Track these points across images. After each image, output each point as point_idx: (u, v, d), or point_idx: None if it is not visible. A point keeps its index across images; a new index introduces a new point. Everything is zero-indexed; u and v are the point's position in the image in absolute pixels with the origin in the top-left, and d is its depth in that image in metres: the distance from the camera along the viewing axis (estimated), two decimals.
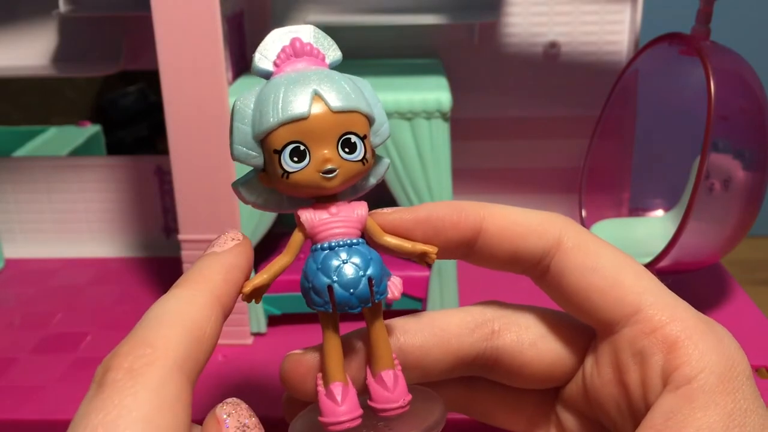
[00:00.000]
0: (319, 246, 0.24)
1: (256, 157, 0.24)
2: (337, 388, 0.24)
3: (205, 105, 0.51)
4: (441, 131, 0.54)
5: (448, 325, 0.26)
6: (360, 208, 0.25)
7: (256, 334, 0.57)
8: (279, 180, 0.24)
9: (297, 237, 0.25)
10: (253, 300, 0.25)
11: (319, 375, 0.25)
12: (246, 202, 0.26)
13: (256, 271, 0.58)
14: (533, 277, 0.26)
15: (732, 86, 0.52)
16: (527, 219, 0.25)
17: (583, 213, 0.65)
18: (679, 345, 0.22)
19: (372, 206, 0.26)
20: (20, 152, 0.75)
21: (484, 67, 0.67)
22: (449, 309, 0.27)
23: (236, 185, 0.26)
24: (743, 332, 0.58)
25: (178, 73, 0.50)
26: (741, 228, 0.54)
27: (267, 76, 0.24)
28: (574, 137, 0.68)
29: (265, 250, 0.62)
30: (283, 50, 0.24)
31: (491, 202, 0.26)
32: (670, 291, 0.24)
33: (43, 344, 0.58)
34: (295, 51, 0.24)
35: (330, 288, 0.24)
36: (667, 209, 0.66)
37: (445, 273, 0.57)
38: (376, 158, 0.26)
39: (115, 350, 0.22)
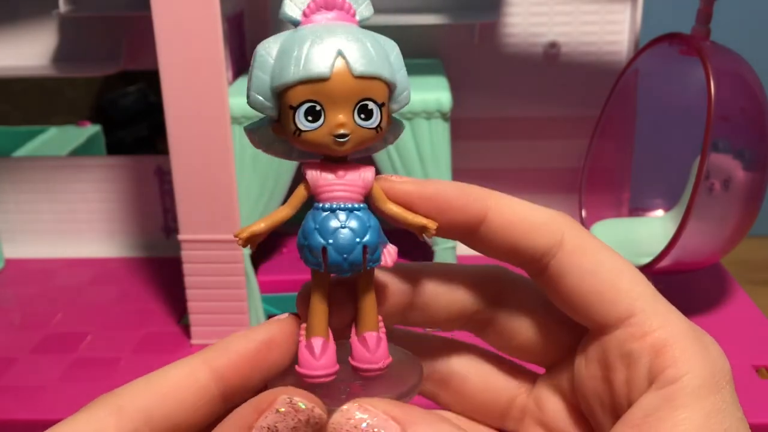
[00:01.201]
0: (320, 206, 0.24)
1: (271, 108, 0.24)
2: (317, 342, 0.24)
3: (205, 105, 0.51)
4: (441, 131, 0.54)
5: (458, 275, 0.27)
6: (366, 172, 0.24)
7: None
8: (291, 135, 0.23)
9: (300, 191, 0.25)
10: (249, 246, 0.25)
11: (303, 326, 0.25)
12: (256, 146, 0.25)
13: (256, 269, 0.58)
14: (530, 272, 0.26)
15: (732, 86, 0.52)
16: (532, 215, 0.25)
17: (583, 213, 0.65)
18: (666, 350, 0.23)
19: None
20: (20, 152, 0.75)
21: (484, 67, 0.67)
22: (458, 263, 0.27)
23: (249, 129, 0.25)
24: (743, 332, 0.58)
25: (178, 73, 0.50)
26: (741, 228, 0.54)
27: (295, 24, 0.24)
28: (574, 137, 0.68)
29: (265, 250, 0.63)
30: (314, 0, 0.24)
31: None
32: (663, 298, 0.24)
33: (43, 344, 0.58)
34: (327, 3, 0.24)
35: (324, 250, 0.24)
36: (667, 209, 0.66)
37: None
38: (393, 121, 0.26)
39: (97, 399, 0.23)
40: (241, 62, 0.61)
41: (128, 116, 0.78)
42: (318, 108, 0.23)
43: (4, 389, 0.52)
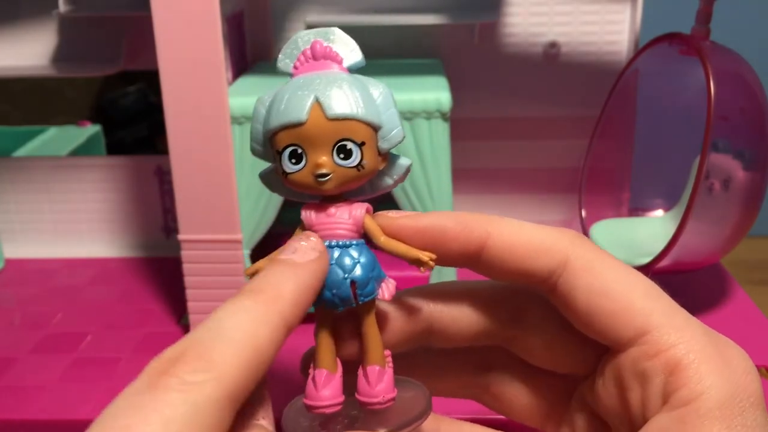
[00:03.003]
0: None
1: (265, 154, 0.26)
2: (320, 374, 0.25)
3: (205, 105, 0.51)
4: (441, 131, 0.54)
5: (476, 294, 0.27)
6: (357, 209, 0.26)
7: None
8: (282, 177, 0.25)
9: (298, 232, 0.27)
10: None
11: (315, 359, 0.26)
12: (272, 191, 0.28)
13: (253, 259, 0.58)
14: (543, 292, 0.26)
15: (732, 86, 0.52)
16: (533, 237, 0.25)
17: (583, 213, 0.65)
18: (681, 368, 0.22)
19: (374, 205, 0.26)
20: (20, 152, 0.75)
21: (484, 67, 0.67)
22: (478, 280, 0.27)
23: (261, 175, 0.27)
24: (743, 332, 0.58)
25: (178, 73, 0.50)
26: (741, 228, 0.54)
27: (290, 76, 0.26)
28: (574, 137, 0.68)
29: (265, 249, 0.62)
30: (303, 53, 0.26)
31: (491, 202, 0.26)
32: (682, 310, 0.24)
33: (43, 344, 0.58)
34: (314, 54, 0.26)
35: None
36: (667, 209, 0.66)
37: (446, 273, 0.57)
38: (393, 158, 0.26)
39: (177, 351, 0.22)
40: (241, 62, 0.61)
41: (128, 116, 0.78)
42: (300, 151, 0.25)
43: (4, 389, 0.52)
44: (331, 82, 0.25)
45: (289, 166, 0.25)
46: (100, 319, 0.61)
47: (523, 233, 0.25)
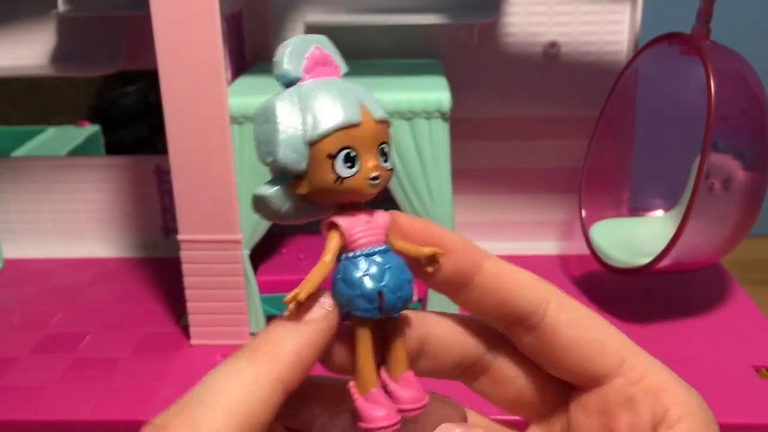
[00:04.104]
0: (358, 252, 0.25)
1: (302, 162, 0.24)
2: (377, 393, 0.25)
3: (204, 105, 0.51)
4: (441, 131, 0.54)
5: (463, 322, 0.28)
6: (382, 216, 0.26)
7: (256, 334, 0.57)
8: (325, 186, 0.24)
9: (335, 241, 0.25)
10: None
11: (352, 384, 0.25)
12: (268, 216, 0.25)
13: (255, 269, 0.58)
14: (515, 337, 0.26)
15: (732, 86, 0.52)
16: (523, 273, 0.26)
17: (583, 213, 0.65)
18: (663, 392, 0.24)
19: (374, 205, 0.26)
20: (19, 152, 0.75)
21: (484, 67, 0.67)
22: (459, 314, 0.28)
23: (265, 197, 0.25)
24: (743, 332, 0.58)
25: (178, 73, 0.50)
26: (741, 228, 0.54)
27: (293, 81, 0.25)
28: (574, 137, 0.68)
29: (264, 250, 0.62)
30: (309, 58, 0.25)
31: (491, 202, 0.26)
32: (640, 348, 0.26)
33: (43, 344, 0.58)
34: (323, 60, 0.25)
35: (380, 293, 0.24)
36: (667, 209, 0.66)
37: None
38: None
39: (167, 418, 0.21)
40: (240, 62, 0.61)
41: (127, 116, 0.78)
42: (353, 154, 0.24)
43: (4, 389, 0.52)
44: (359, 86, 0.25)
45: (345, 170, 0.24)
46: (99, 319, 0.61)
47: (513, 267, 0.26)
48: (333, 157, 0.24)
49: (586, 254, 0.63)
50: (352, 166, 0.24)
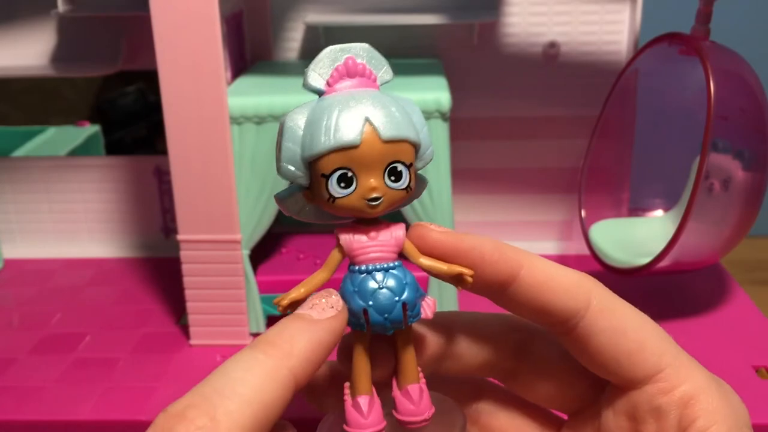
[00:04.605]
0: (356, 268, 0.25)
1: (303, 176, 0.24)
2: (363, 401, 0.25)
3: (204, 105, 0.51)
4: (440, 131, 0.54)
5: (487, 324, 0.27)
6: (397, 230, 0.25)
7: (255, 335, 0.57)
8: (323, 202, 0.24)
9: (336, 256, 0.25)
10: (288, 310, 0.25)
11: (347, 385, 0.26)
12: (288, 213, 0.26)
13: (255, 269, 0.58)
14: (556, 333, 0.26)
15: (732, 86, 0.52)
16: (562, 277, 0.25)
17: (583, 213, 0.65)
18: (694, 402, 0.24)
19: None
20: (19, 152, 0.75)
21: (484, 67, 0.67)
22: (484, 312, 0.28)
23: (279, 198, 0.26)
24: (743, 332, 0.58)
25: (177, 73, 0.50)
26: (741, 228, 0.54)
27: (318, 93, 0.25)
28: (574, 137, 0.68)
29: (264, 250, 0.62)
30: (336, 69, 0.24)
31: (491, 202, 0.26)
32: (684, 351, 0.26)
33: (42, 344, 0.58)
34: (348, 71, 0.24)
35: (365, 311, 0.24)
36: (667, 209, 0.66)
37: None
38: (419, 177, 0.26)
39: (183, 405, 0.21)
40: (240, 62, 0.61)
41: (127, 116, 0.78)
42: (350, 174, 0.23)
43: (3, 389, 0.52)
44: (377, 101, 0.24)
45: (337, 191, 0.23)
46: (99, 320, 0.61)
47: (553, 271, 0.25)
48: (326, 176, 0.23)
49: (585, 254, 0.63)
50: (347, 186, 0.23)
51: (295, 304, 0.25)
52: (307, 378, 0.23)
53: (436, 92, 0.53)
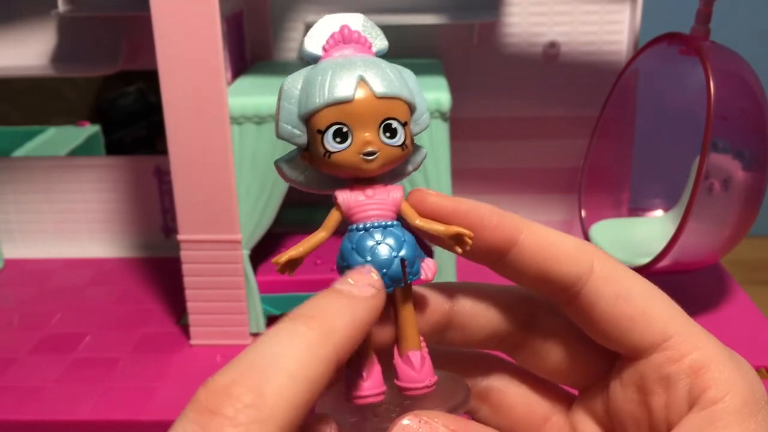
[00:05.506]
0: (354, 227, 0.25)
1: (300, 135, 0.25)
2: (365, 365, 0.25)
3: (204, 105, 0.51)
4: (440, 131, 0.54)
5: (493, 295, 0.27)
6: (395, 191, 0.25)
7: (256, 335, 0.57)
8: (321, 159, 0.25)
9: (334, 215, 0.26)
10: (286, 271, 0.25)
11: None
12: (287, 179, 0.26)
13: (255, 269, 0.58)
14: (558, 302, 0.26)
15: (732, 86, 0.52)
16: (563, 242, 0.25)
17: (583, 213, 0.65)
18: (705, 371, 0.23)
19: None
20: (19, 152, 0.75)
21: (484, 67, 0.67)
22: (490, 283, 0.27)
23: (279, 162, 0.26)
24: (743, 332, 0.58)
25: (177, 73, 0.50)
26: (741, 228, 0.54)
27: (315, 60, 0.25)
28: (574, 137, 0.68)
29: (264, 250, 0.62)
30: (332, 36, 0.25)
31: (491, 202, 0.26)
32: (693, 320, 0.25)
33: (42, 344, 0.58)
34: (344, 38, 0.25)
35: None
36: (667, 209, 0.66)
37: (445, 268, 0.57)
38: (414, 147, 0.26)
39: (228, 380, 0.19)
40: (240, 62, 0.61)
41: (127, 116, 0.78)
42: (345, 129, 0.24)
43: (3, 389, 0.52)
44: (370, 62, 0.25)
45: (333, 145, 0.24)
46: (99, 320, 0.61)
47: (554, 236, 0.25)
48: (322, 132, 0.24)
49: None
50: (342, 141, 0.24)
51: (293, 263, 0.25)
52: (346, 357, 0.21)
53: (436, 92, 0.53)
